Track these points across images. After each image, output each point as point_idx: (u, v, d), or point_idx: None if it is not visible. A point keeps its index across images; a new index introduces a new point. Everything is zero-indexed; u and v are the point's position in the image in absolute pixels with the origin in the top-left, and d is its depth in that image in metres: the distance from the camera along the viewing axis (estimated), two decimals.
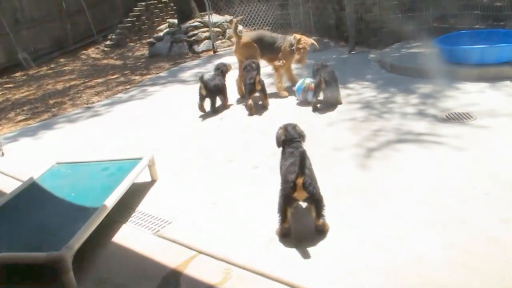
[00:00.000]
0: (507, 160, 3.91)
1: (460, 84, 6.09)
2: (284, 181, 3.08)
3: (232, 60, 9.78)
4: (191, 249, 3.11)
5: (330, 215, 3.30)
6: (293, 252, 2.97)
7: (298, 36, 6.46)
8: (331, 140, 4.76)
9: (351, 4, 8.73)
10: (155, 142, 5.35)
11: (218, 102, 6.31)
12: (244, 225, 3.37)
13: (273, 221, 3.32)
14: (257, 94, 6.01)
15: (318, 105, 5.82)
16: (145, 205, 3.86)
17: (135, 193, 3.99)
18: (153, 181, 4.29)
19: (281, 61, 6.52)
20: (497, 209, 3.22)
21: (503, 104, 5.22)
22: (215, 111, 6.16)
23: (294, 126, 3.55)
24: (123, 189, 3.64)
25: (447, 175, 3.76)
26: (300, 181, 2.95)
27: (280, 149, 3.57)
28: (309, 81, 6.04)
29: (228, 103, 6.45)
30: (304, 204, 3.32)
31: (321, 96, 5.86)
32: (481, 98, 5.48)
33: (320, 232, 3.12)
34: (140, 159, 4.15)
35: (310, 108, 5.84)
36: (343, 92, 6.28)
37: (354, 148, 4.50)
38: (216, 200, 3.75)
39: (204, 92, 6.05)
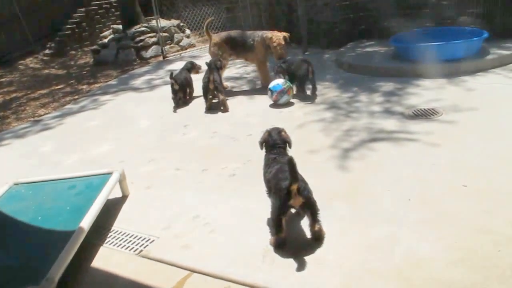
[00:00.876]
0: (479, 152, 3.98)
1: (420, 81, 6.20)
2: (278, 189, 2.91)
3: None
4: (182, 268, 2.89)
5: (322, 219, 3.20)
6: (292, 263, 2.83)
7: (269, 34, 6.51)
8: (304, 142, 4.67)
9: (303, 6, 8.73)
10: (117, 154, 5.06)
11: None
12: (234, 237, 3.19)
13: (264, 230, 3.20)
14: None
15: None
16: (120, 224, 3.59)
17: (107, 211, 3.70)
18: (124, 197, 4.02)
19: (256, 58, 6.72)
20: (478, 200, 3.27)
21: (464, 99, 5.34)
22: (185, 102, 6.69)
23: (279, 131, 3.40)
24: (97, 208, 3.35)
25: (425, 171, 3.77)
26: (294, 187, 2.82)
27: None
28: (288, 84, 5.93)
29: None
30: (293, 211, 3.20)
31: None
32: (443, 94, 5.59)
33: (317, 238, 3.00)
34: (110, 173, 3.87)
35: (277, 110, 5.75)
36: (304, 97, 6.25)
37: (330, 150, 4.44)
38: (198, 213, 3.55)
39: (176, 87, 6.51)
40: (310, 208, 2.94)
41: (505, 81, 5.81)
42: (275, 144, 3.32)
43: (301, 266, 2.79)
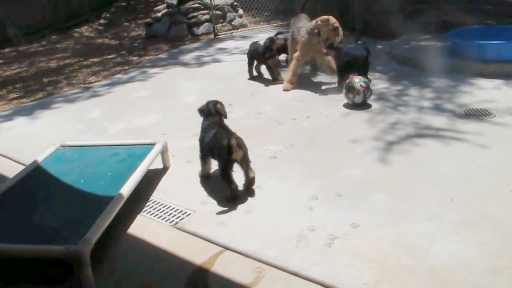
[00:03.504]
0: None
1: (475, 80, 5.96)
2: (220, 147, 3.37)
3: (232, 44, 9.61)
4: (216, 244, 2.93)
5: (358, 210, 3.18)
6: (326, 251, 2.81)
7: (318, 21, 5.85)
8: (348, 131, 4.60)
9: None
10: (162, 127, 5.14)
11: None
12: (269, 219, 3.19)
13: (301, 215, 3.20)
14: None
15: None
16: (159, 195, 3.66)
17: (148, 181, 3.77)
18: (165, 169, 4.08)
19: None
20: None
21: None
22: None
23: (215, 103, 3.90)
24: (138, 177, 3.43)
25: (471, 173, 3.64)
26: (234, 142, 3.31)
27: None
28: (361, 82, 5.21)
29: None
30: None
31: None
32: (498, 95, 5.36)
33: (251, 182, 3.52)
34: (153, 144, 3.94)
35: (324, 97, 5.68)
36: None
37: (373, 141, 4.35)
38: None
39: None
40: (246, 160, 3.47)
41: None
42: (210, 113, 3.81)
43: (334, 255, 2.77)
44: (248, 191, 3.53)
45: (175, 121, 5.28)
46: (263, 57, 6.50)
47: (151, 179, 3.85)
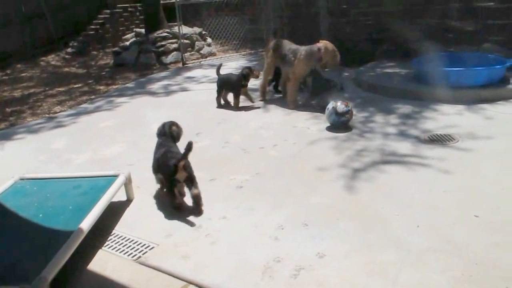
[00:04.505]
0: (493, 183, 3.87)
1: (438, 105, 6.10)
2: (166, 165, 3.66)
3: (200, 72, 9.63)
4: (180, 278, 2.83)
5: (325, 239, 3.15)
6: (291, 282, 2.75)
7: (320, 45, 6.16)
8: (315, 159, 4.60)
9: (326, 22, 8.70)
10: (128, 157, 5.04)
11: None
12: (235, 250, 3.12)
13: (267, 245, 3.13)
14: None
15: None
16: (122, 228, 3.55)
17: (110, 214, 3.66)
18: (129, 201, 3.98)
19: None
20: (489, 232, 3.15)
21: (482, 127, 5.23)
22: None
23: (171, 125, 4.15)
24: (100, 210, 3.32)
25: (436, 198, 3.67)
26: (182, 163, 3.59)
27: None
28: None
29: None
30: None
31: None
32: (460, 120, 5.48)
33: (196, 199, 3.68)
34: (116, 176, 3.84)
35: (291, 125, 5.69)
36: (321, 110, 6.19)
37: (340, 169, 4.35)
38: (201, 223, 3.49)
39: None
40: (191, 180, 3.70)
41: None
42: (164, 133, 4.10)
43: (300, 286, 2.71)
44: (197, 208, 3.69)
45: (141, 151, 5.19)
46: (239, 85, 6.56)
47: (114, 212, 3.74)
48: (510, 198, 3.60)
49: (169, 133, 4.09)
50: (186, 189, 3.81)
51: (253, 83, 7.22)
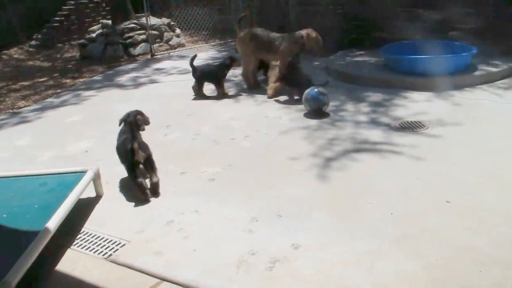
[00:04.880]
0: (463, 168, 3.92)
1: (408, 93, 6.15)
2: (125, 150, 3.82)
3: (169, 64, 9.47)
4: (152, 276, 2.76)
5: (299, 231, 3.12)
6: (267, 275, 2.71)
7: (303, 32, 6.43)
8: (287, 149, 4.57)
9: (295, 11, 8.65)
10: (96, 152, 4.90)
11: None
12: (208, 244, 3.07)
13: (240, 239, 3.09)
14: None
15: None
16: (91, 225, 3.44)
17: (79, 211, 3.55)
18: (98, 197, 3.86)
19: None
20: (460, 217, 3.19)
21: (450, 113, 5.29)
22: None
23: (136, 114, 4.11)
24: (67, 208, 3.21)
25: (409, 185, 3.69)
26: (135, 146, 3.71)
27: None
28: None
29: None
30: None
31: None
32: (429, 107, 5.54)
33: (154, 187, 3.80)
34: (84, 172, 3.72)
35: (262, 115, 5.64)
36: (292, 98, 6.17)
37: (312, 158, 4.33)
38: (173, 218, 3.41)
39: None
40: (150, 163, 3.84)
41: (492, 97, 5.77)
42: (130, 122, 4.04)
43: (275, 279, 2.68)
44: (155, 196, 3.79)
45: (110, 145, 5.00)
46: (221, 75, 6.55)
47: (83, 209, 3.63)
48: (480, 183, 3.65)
49: (134, 122, 4.04)
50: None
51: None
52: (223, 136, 5.02)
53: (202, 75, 6.66)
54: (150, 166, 3.84)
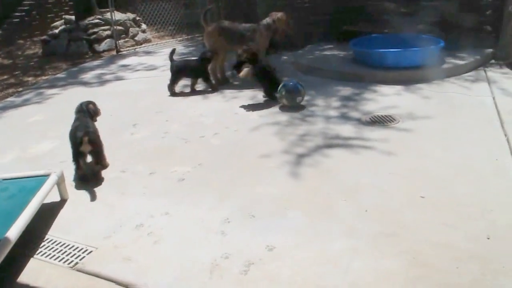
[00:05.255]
0: (436, 162, 3.91)
1: (377, 86, 6.14)
2: (73, 137, 3.97)
3: (135, 60, 9.26)
4: (122, 284, 2.63)
5: (273, 231, 3.05)
6: (242, 279, 2.62)
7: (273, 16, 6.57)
8: (258, 146, 4.48)
9: (263, 5, 8.56)
10: (60, 153, 4.68)
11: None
12: (180, 249, 2.95)
13: (213, 242, 2.99)
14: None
15: None
16: (56, 232, 3.27)
17: (42, 218, 3.37)
18: (63, 201, 3.69)
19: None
20: (436, 212, 3.17)
21: (420, 106, 5.30)
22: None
23: (88, 104, 4.44)
24: (30, 214, 3.04)
25: (382, 181, 3.65)
26: (86, 138, 3.85)
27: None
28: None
29: None
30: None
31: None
32: (399, 101, 5.54)
33: (96, 174, 4.03)
34: (47, 175, 3.55)
35: (232, 112, 5.54)
36: (261, 94, 6.08)
37: (283, 155, 4.26)
38: (142, 221, 3.29)
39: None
40: (97, 154, 4.07)
41: (460, 90, 5.82)
42: (81, 110, 4.35)
43: (251, 283, 2.59)
44: (98, 181, 3.98)
45: None
46: (202, 69, 6.47)
47: (46, 215, 3.46)
48: (453, 176, 3.64)
49: (86, 110, 4.32)
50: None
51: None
52: (193, 134, 4.89)
53: (178, 70, 6.48)
54: (96, 156, 4.07)
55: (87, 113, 4.32)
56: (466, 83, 6.08)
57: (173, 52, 6.58)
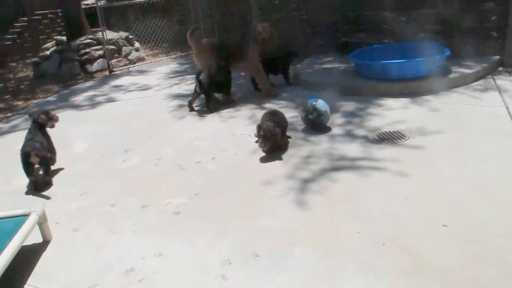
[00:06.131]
0: (453, 181, 3.60)
1: (382, 100, 5.83)
2: (22, 149, 4.23)
3: (129, 80, 8.96)
4: None
5: (281, 272, 2.70)
6: None
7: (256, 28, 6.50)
8: (259, 171, 4.15)
9: (257, 19, 8.29)
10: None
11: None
12: None
13: (213, 283, 2.62)
14: None
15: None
16: (37, 279, 2.92)
17: (21, 263, 3.03)
18: (46, 242, 3.34)
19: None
20: (462, 243, 2.83)
21: (429, 120, 4.99)
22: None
23: (46, 114, 4.63)
24: (6, 261, 2.70)
25: (397, 207, 3.31)
26: (32, 153, 4.14)
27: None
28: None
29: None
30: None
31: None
32: (407, 115, 5.22)
33: (48, 183, 4.29)
34: (27, 215, 3.20)
35: (229, 133, 5.22)
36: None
37: (287, 181, 3.92)
38: (133, 265, 2.93)
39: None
40: (45, 165, 4.30)
41: (469, 101, 5.50)
42: (34, 121, 4.52)
43: None
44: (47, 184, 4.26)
45: (61, 176, 4.54)
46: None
47: (26, 260, 3.11)
48: (472, 198, 3.31)
49: (37, 122, 4.50)
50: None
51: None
52: (188, 159, 4.56)
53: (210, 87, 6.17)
54: (44, 168, 4.29)
55: (37, 124, 4.50)
56: (475, 93, 5.76)
57: (200, 73, 6.16)
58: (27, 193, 4.24)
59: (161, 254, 3.02)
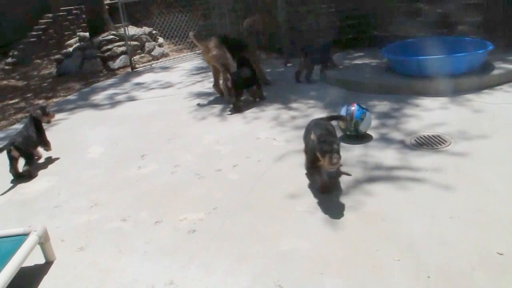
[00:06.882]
0: (504, 198, 3.15)
1: (418, 99, 5.37)
2: (8, 143, 4.47)
3: (151, 77, 8.68)
4: None
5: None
6: None
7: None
8: (284, 181, 3.76)
9: (284, 13, 7.87)
10: (55, 195, 4.06)
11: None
12: None
13: None
14: None
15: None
16: None
17: (22, 284, 2.74)
18: (48, 263, 3.04)
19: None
20: None
21: (473, 122, 4.53)
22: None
23: (36, 109, 4.88)
24: (2, 284, 2.41)
25: (443, 229, 2.88)
26: (12, 148, 4.39)
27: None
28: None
29: None
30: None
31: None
32: (447, 116, 4.76)
33: (28, 176, 4.45)
34: (26, 235, 2.90)
35: (253, 136, 4.85)
36: (286, 113, 5.37)
37: (316, 194, 3.51)
38: None
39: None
40: (26, 158, 4.51)
41: None
42: (31, 116, 4.82)
43: None
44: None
45: (72, 185, 4.24)
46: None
47: (26, 282, 2.82)
48: None
49: (32, 116, 4.77)
50: None
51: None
52: (207, 167, 4.20)
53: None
54: (25, 158, 4.51)
55: (33, 119, 4.76)
56: None
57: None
58: (35, 203, 3.95)
59: (172, 282, 2.67)
